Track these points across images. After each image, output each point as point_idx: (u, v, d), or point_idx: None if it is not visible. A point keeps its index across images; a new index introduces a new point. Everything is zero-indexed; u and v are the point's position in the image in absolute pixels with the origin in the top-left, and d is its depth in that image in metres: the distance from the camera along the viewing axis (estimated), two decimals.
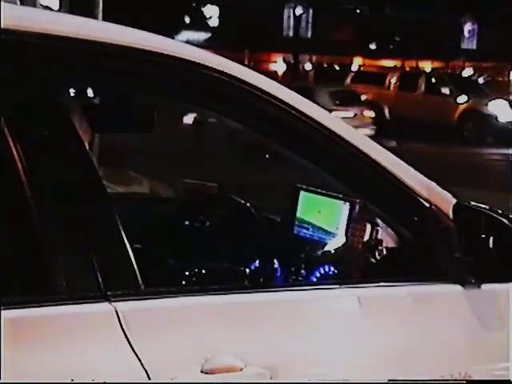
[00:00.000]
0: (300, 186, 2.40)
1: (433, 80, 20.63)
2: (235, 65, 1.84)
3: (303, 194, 2.39)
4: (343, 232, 2.21)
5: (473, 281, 1.93)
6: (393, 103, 19.86)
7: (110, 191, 1.78)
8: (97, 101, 2.35)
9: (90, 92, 2.31)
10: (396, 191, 1.94)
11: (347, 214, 2.21)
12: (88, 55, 1.68)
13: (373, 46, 32.78)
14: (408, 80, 20.64)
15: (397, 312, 1.88)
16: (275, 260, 2.26)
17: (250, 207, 2.49)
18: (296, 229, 2.38)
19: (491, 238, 1.90)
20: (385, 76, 21.09)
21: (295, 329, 1.73)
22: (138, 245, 1.83)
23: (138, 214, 2.39)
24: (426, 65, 28.64)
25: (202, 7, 33.17)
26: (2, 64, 1.54)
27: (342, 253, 2.17)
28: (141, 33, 1.78)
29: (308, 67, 30.48)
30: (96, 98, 2.34)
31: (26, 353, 1.42)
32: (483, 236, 1.91)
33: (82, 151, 1.63)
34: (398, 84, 20.59)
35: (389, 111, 19.95)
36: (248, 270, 2.19)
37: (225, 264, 2.21)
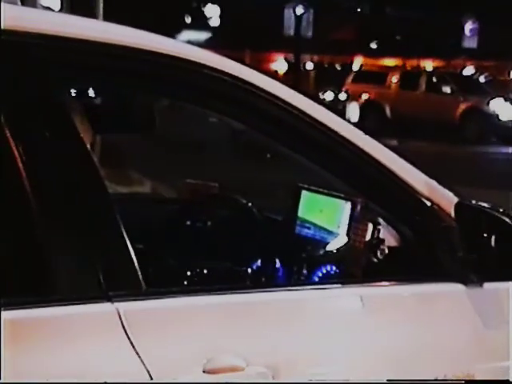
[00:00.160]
0: (301, 186, 2.40)
1: (434, 79, 20.59)
2: (237, 64, 1.83)
3: (305, 194, 2.39)
4: (345, 231, 2.20)
5: (475, 280, 1.92)
6: (394, 102, 19.83)
7: (112, 191, 1.77)
8: (98, 101, 2.34)
9: (92, 92, 2.31)
10: (397, 190, 1.94)
11: (349, 214, 2.21)
12: (89, 56, 1.68)
13: (374, 45, 32.73)
14: (409, 79, 20.58)
15: (399, 311, 1.88)
16: (277, 260, 2.25)
17: (252, 207, 2.48)
18: (298, 228, 2.37)
19: (493, 237, 1.90)
20: (386, 75, 21.05)
21: (297, 328, 1.72)
22: (140, 245, 1.82)
23: (140, 215, 2.39)
24: (427, 64, 28.60)
25: (203, 7, 33.14)
26: (3, 65, 1.54)
27: (344, 252, 2.17)
28: (142, 33, 1.78)
29: (309, 66, 30.42)
30: (97, 99, 2.33)
31: (28, 353, 1.42)
32: (485, 235, 1.90)
33: (84, 151, 1.62)
34: (399, 83, 20.55)
35: (390, 110, 19.93)
36: (250, 270, 2.19)
37: (226, 264, 2.21)
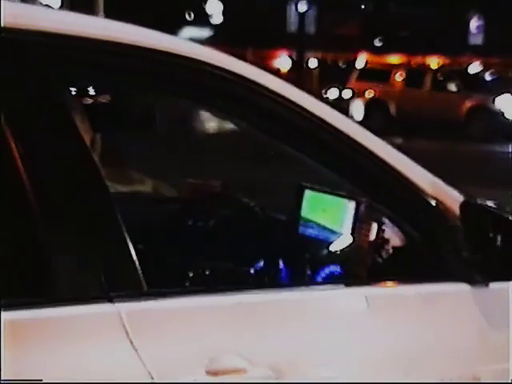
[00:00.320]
0: (304, 185, 2.39)
1: (439, 76, 20.55)
2: (239, 62, 1.82)
3: (308, 193, 2.37)
4: (349, 231, 2.19)
5: (480, 280, 1.92)
6: (399, 100, 19.81)
7: (112, 191, 1.76)
8: (98, 99, 2.33)
9: (92, 90, 2.30)
10: (402, 189, 1.93)
11: (353, 213, 2.19)
12: (89, 53, 1.67)
13: (378, 43, 32.68)
14: (414, 76, 20.55)
15: (404, 312, 1.87)
16: (280, 260, 2.24)
17: (254, 206, 2.47)
18: (301, 228, 2.36)
19: (499, 236, 1.89)
20: (390, 72, 21.01)
21: (301, 329, 1.71)
22: (141, 245, 1.81)
23: (141, 214, 2.38)
24: (432, 61, 28.54)
25: (205, 3, 33.06)
26: (2, 62, 1.53)
27: (348, 252, 2.15)
28: (143, 30, 1.77)
29: (312, 64, 30.35)
30: (97, 97, 2.33)
31: (28, 354, 1.41)
32: (491, 234, 1.90)
33: (84, 150, 1.61)
34: (404, 80, 20.51)
35: (395, 108, 19.90)
36: (252, 270, 2.18)
37: (229, 264, 2.20)
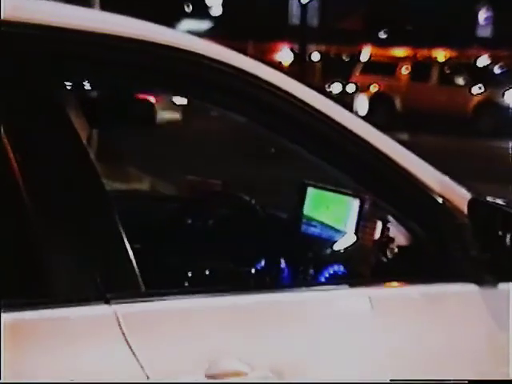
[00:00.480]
0: (307, 182, 2.38)
1: (446, 70, 20.48)
2: (239, 55, 1.79)
3: (311, 190, 2.37)
4: (353, 229, 2.18)
5: (489, 280, 1.90)
6: (404, 94, 19.77)
7: (109, 189, 1.75)
8: (95, 94, 2.33)
9: (87, 85, 2.28)
10: (408, 186, 1.90)
11: (357, 211, 2.18)
12: (87, 46, 1.65)
13: (383, 35, 32.66)
14: (420, 70, 20.48)
15: (409, 313, 1.85)
16: (282, 259, 2.22)
17: (255, 204, 2.46)
18: (303, 226, 2.35)
19: (508, 235, 1.87)
20: (396, 66, 20.95)
21: (303, 330, 1.69)
22: (139, 244, 1.80)
23: (139, 213, 2.38)
24: (439, 54, 28.49)
25: None
26: (1, 56, 1.51)
27: (352, 251, 2.14)
28: (141, 23, 1.74)
29: (315, 57, 30.33)
30: (94, 92, 2.32)
31: (25, 356, 1.40)
32: (500, 233, 1.88)
33: (80, 147, 1.59)
34: (410, 74, 20.45)
35: (400, 103, 19.86)
36: (253, 270, 2.17)
37: (229, 264, 2.19)
